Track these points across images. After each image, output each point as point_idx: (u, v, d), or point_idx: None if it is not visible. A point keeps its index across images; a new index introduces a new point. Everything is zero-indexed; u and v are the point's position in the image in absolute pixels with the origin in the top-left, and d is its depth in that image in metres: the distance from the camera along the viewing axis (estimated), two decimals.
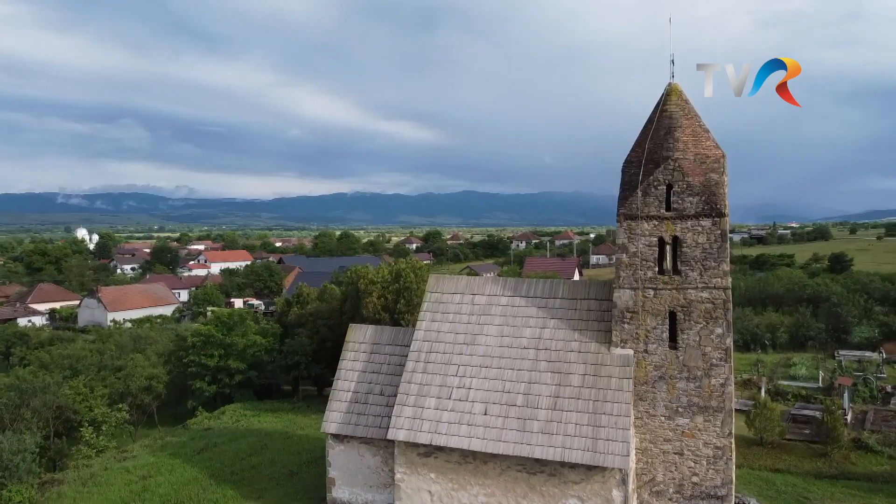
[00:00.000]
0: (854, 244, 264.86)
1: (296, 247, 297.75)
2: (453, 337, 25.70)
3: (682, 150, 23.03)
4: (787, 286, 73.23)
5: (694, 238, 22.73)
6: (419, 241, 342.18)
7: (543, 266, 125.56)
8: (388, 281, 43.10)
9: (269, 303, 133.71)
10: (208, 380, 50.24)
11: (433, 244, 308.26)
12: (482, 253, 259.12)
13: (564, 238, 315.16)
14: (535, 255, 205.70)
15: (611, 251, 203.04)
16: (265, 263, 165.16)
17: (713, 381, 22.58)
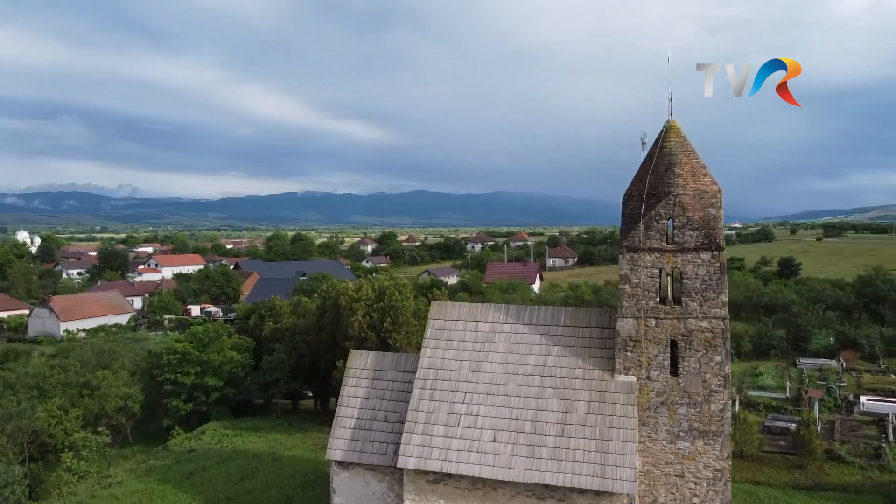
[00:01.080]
0: (796, 245, 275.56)
1: (248, 249, 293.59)
2: (458, 364, 26.23)
3: (682, 185, 24.08)
4: (744, 294, 76.09)
5: (694, 270, 23.80)
6: (373, 242, 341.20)
7: (505, 271, 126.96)
8: (371, 298, 43.28)
9: (228, 309, 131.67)
10: (184, 398, 49.55)
11: (388, 246, 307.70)
12: (438, 255, 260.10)
13: (519, 240, 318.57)
14: (492, 257, 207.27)
15: (566, 254, 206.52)
16: (222, 269, 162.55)
17: (713, 407, 23.70)
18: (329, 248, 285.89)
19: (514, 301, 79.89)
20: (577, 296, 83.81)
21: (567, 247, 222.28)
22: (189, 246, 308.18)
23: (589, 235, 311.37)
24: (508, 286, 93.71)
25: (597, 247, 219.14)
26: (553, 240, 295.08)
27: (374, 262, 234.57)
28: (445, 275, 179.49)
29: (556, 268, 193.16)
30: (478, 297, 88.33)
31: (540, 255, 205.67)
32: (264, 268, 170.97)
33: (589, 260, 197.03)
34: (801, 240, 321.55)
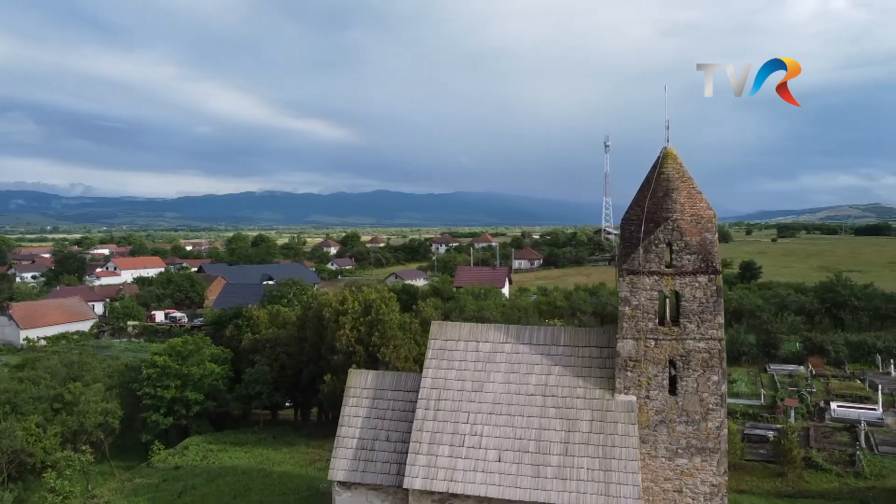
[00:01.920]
0: (752, 246, 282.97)
1: (209, 251, 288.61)
2: (461, 384, 26.65)
3: (679, 211, 24.92)
4: None
5: (692, 293, 24.64)
6: (337, 243, 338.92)
7: (475, 275, 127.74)
8: (358, 312, 43.34)
9: (193, 314, 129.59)
10: (163, 412, 48.89)
11: (352, 248, 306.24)
12: (404, 257, 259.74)
13: (483, 241, 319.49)
14: (458, 259, 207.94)
15: (531, 256, 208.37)
16: (186, 273, 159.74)
17: (710, 424, 24.59)
18: (292, 250, 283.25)
19: (486, 307, 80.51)
20: (549, 301, 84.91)
21: (532, 249, 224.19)
22: (147, 248, 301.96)
23: (552, 237, 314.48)
24: (480, 292, 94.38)
25: (561, 248, 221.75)
26: (516, 241, 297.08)
27: (338, 264, 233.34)
28: (412, 277, 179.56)
29: (522, 269, 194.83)
30: (450, 302, 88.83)
31: (505, 257, 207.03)
32: (229, 272, 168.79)
33: (554, 262, 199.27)
34: (758, 241, 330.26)
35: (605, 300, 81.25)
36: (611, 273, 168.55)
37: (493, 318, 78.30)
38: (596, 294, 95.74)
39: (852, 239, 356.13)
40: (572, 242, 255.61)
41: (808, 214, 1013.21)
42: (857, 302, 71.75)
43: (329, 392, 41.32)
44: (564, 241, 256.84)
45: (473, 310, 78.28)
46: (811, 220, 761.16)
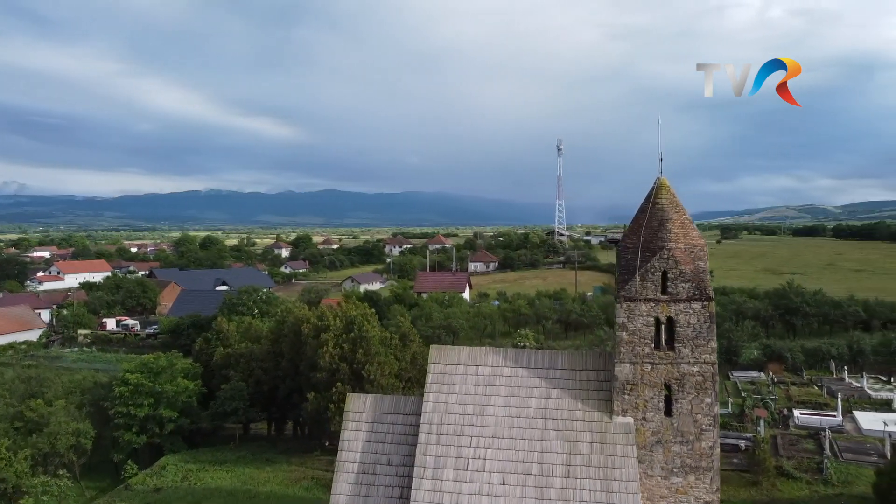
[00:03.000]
0: None
1: (156, 254, 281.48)
2: (462, 408, 27.19)
3: (674, 240, 26.01)
4: None
5: (686, 319, 25.76)
6: (288, 245, 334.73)
7: (436, 281, 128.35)
8: (339, 328, 43.40)
9: (146, 322, 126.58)
10: (135, 430, 47.98)
11: (305, 250, 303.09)
12: (358, 259, 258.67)
13: (437, 243, 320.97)
14: (413, 262, 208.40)
15: (487, 259, 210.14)
16: (137, 279, 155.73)
17: (703, 444, 25.75)
18: (244, 253, 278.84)
19: (453, 314, 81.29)
20: (514, 308, 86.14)
21: (488, 252, 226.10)
22: (91, 250, 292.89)
23: (505, 238, 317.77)
24: (445, 299, 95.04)
25: (516, 251, 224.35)
26: (469, 242, 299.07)
27: (292, 267, 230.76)
28: (369, 281, 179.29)
29: (479, 273, 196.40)
30: (415, 309, 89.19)
31: (461, 260, 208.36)
32: (181, 276, 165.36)
33: (510, 265, 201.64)
34: None
35: (569, 307, 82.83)
36: (566, 276, 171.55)
37: (461, 326, 79.30)
38: (559, 299, 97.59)
39: (791, 240, 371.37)
40: (526, 245, 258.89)
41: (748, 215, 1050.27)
42: (808, 308, 75.18)
43: (313, 410, 41.32)
44: (518, 244, 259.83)
45: (440, 318, 78.94)
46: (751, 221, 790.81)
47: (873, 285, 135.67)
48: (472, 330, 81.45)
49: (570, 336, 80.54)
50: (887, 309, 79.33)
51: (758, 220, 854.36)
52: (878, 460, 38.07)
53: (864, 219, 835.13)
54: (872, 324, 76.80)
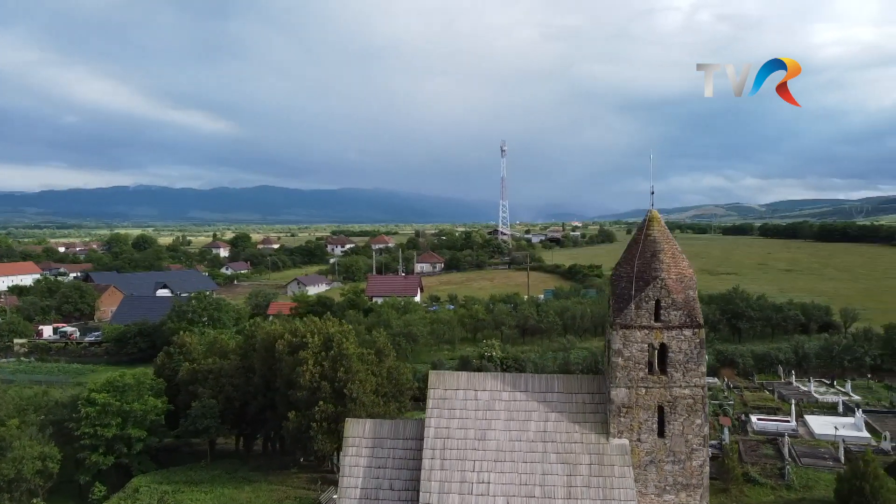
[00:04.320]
0: None
1: (87, 254, 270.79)
2: (463, 433, 27.96)
3: (666, 270, 27.43)
4: None
5: (678, 345, 27.24)
6: (226, 245, 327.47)
7: (387, 285, 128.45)
8: (317, 346, 43.38)
9: (86, 329, 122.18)
10: (102, 451, 46.77)
11: (245, 249, 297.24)
12: (300, 259, 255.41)
13: (380, 242, 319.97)
14: (359, 262, 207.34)
15: (433, 259, 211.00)
16: (74, 283, 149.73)
17: (694, 463, 27.31)
18: (182, 254, 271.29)
19: (412, 321, 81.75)
20: (472, 314, 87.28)
21: (433, 252, 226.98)
22: (15, 250, 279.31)
23: (448, 238, 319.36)
24: (401, 304, 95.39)
25: (461, 252, 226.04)
26: (412, 241, 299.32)
27: (233, 268, 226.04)
28: (315, 283, 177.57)
29: (425, 273, 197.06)
30: (373, 316, 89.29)
31: (407, 261, 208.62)
32: (119, 280, 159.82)
33: (456, 266, 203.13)
34: None
35: (526, 313, 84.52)
36: (513, 277, 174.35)
37: (421, 333, 79.87)
38: (513, 303, 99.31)
39: (721, 238, 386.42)
40: (470, 245, 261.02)
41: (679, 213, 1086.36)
42: (752, 312, 79.05)
43: (294, 429, 41.25)
44: (462, 244, 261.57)
45: (400, 325, 79.25)
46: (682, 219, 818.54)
47: (803, 285, 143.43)
48: (430, 336, 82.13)
49: (528, 341, 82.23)
50: (822, 312, 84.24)
51: (689, 219, 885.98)
52: (833, 465, 40.75)
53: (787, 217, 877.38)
54: (810, 327, 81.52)
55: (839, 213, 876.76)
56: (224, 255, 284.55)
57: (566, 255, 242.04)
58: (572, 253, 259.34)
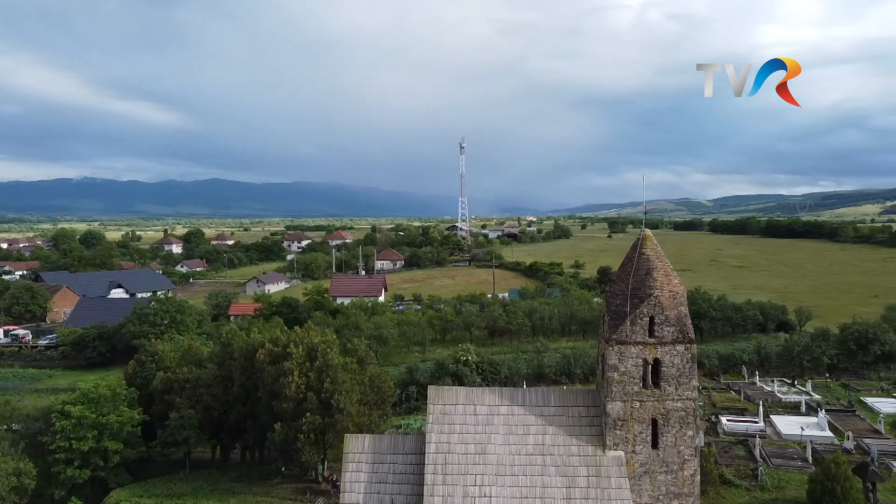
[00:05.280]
0: (592, 242, 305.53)
1: (33, 252, 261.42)
2: (464, 448, 28.56)
3: (659, 287, 28.48)
4: (592, 312, 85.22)
5: (671, 360, 28.33)
6: (179, 241, 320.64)
7: (352, 285, 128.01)
8: (302, 356, 43.28)
9: (39, 331, 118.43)
10: (78, 464, 45.83)
11: (199, 246, 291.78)
12: (257, 257, 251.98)
13: (337, 238, 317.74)
14: (318, 260, 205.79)
15: (394, 257, 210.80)
16: (24, 283, 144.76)
17: (686, 473, 28.47)
18: (132, 251, 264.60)
19: (382, 324, 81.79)
20: (442, 317, 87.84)
21: (393, 249, 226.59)
22: None
23: (407, 234, 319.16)
24: (368, 305, 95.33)
25: (421, 248, 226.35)
26: (369, 237, 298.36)
27: (188, 266, 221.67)
28: (274, 281, 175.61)
29: (385, 270, 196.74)
30: (340, 318, 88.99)
31: (367, 257, 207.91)
32: (72, 280, 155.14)
33: (416, 263, 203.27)
34: (594, 236, 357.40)
35: (495, 314, 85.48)
36: (474, 274, 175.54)
37: (391, 336, 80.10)
38: (481, 304, 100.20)
39: (673, 234, 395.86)
40: (429, 241, 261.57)
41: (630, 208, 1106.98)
42: (714, 313, 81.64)
43: (280, 441, 41.17)
44: (421, 241, 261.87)
45: (370, 328, 79.23)
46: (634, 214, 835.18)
47: (755, 282, 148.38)
48: (400, 338, 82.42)
49: (497, 342, 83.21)
50: (779, 312, 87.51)
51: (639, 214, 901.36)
52: (802, 465, 42.70)
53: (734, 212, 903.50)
54: (768, 326, 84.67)
55: (783, 209, 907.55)
56: (177, 252, 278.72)
57: (525, 251, 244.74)
58: (530, 249, 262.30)
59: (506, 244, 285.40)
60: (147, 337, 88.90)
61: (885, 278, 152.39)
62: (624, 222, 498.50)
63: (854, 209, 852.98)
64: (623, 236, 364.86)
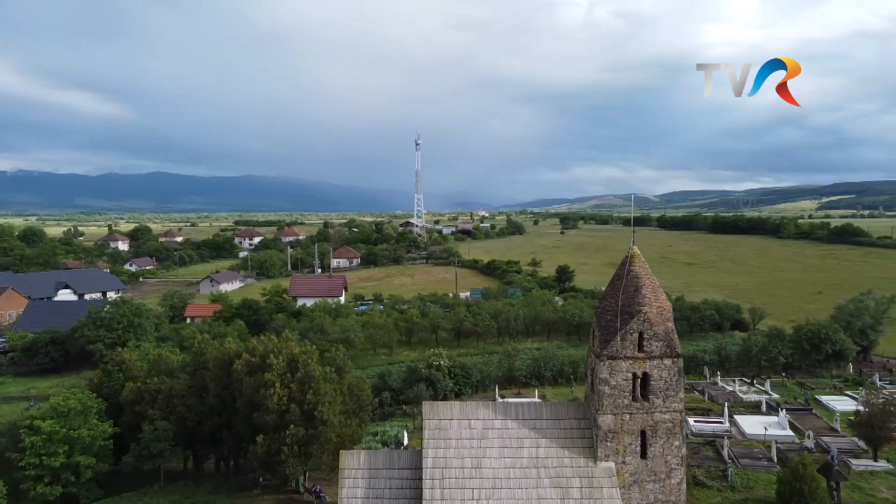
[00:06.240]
0: (545, 239, 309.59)
1: None
2: (460, 462, 29.16)
3: (647, 304, 29.56)
4: (557, 315, 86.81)
5: (659, 373, 29.46)
6: (125, 238, 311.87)
7: (313, 286, 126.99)
8: (282, 367, 43.05)
9: None
10: (48, 480, 44.73)
11: (146, 243, 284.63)
12: (208, 254, 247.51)
13: (290, 235, 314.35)
14: (273, 258, 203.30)
15: (350, 254, 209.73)
16: None
17: (673, 481, 29.68)
18: (77, 249, 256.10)
19: (349, 326, 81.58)
20: (407, 319, 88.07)
21: (349, 246, 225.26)
22: None
23: (360, 230, 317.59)
24: (332, 308, 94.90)
25: (377, 246, 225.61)
26: (322, 233, 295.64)
27: (138, 264, 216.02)
28: (228, 280, 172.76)
29: (342, 269, 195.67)
30: (304, 320, 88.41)
31: (323, 255, 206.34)
32: (16, 280, 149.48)
33: (373, 261, 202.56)
34: (547, 233, 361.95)
35: (461, 315, 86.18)
36: (432, 273, 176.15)
37: (359, 340, 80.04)
38: (443, 303, 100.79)
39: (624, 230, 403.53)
40: (384, 238, 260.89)
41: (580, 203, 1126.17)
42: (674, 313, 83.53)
43: (263, 453, 40.96)
44: (377, 238, 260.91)
45: (336, 331, 78.93)
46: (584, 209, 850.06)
47: (705, 279, 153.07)
48: (367, 341, 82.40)
49: (463, 344, 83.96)
50: (734, 311, 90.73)
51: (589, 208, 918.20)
52: (768, 465, 44.62)
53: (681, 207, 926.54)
54: (724, 325, 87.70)
55: (726, 204, 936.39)
56: (124, 250, 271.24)
57: (480, 248, 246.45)
58: (485, 246, 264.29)
59: (460, 240, 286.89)
60: (104, 342, 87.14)
61: (827, 275, 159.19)
62: (575, 218, 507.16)
63: (792, 205, 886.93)
64: (575, 232, 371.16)
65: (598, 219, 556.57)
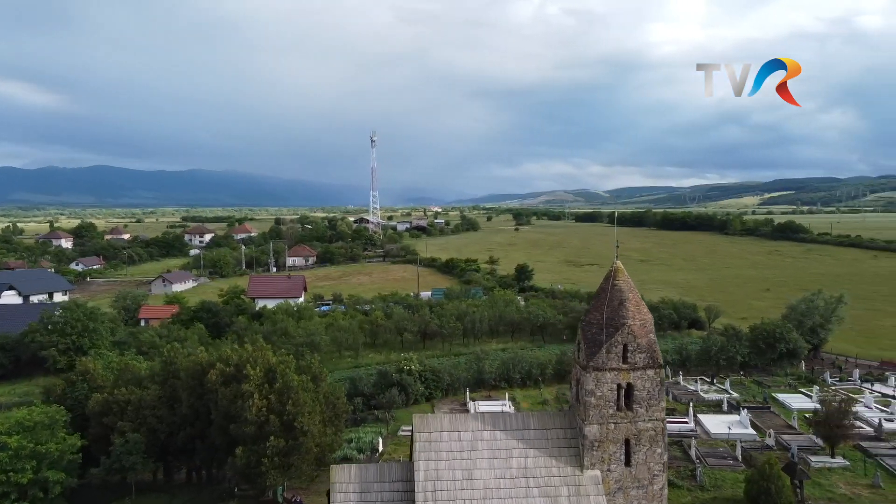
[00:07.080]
0: (500, 236, 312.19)
1: None
2: (451, 474, 29.68)
3: (631, 317, 30.57)
4: (521, 315, 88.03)
5: (642, 384, 30.52)
6: (69, 235, 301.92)
7: (272, 286, 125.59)
8: (259, 377, 42.79)
9: None
10: (15, 497, 43.53)
11: (91, 240, 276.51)
12: (157, 252, 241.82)
13: (242, 232, 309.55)
14: (227, 256, 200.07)
15: (305, 253, 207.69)
16: None
17: (655, 487, 30.81)
18: (19, 247, 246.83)
19: (314, 329, 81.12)
20: (372, 321, 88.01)
21: (303, 244, 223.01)
22: None
23: (314, 227, 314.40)
24: (295, 310, 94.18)
25: (333, 244, 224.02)
26: (274, 230, 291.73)
27: (84, 263, 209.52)
28: (181, 280, 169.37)
29: (297, 267, 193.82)
30: (267, 323, 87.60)
31: (277, 253, 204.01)
32: None
33: (330, 259, 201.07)
34: (502, 229, 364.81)
35: (426, 317, 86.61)
36: (390, 271, 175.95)
37: (325, 343, 79.71)
38: (405, 303, 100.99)
39: (576, 226, 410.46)
40: (339, 235, 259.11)
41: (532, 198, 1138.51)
42: None
43: (243, 465, 40.70)
44: (332, 236, 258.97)
45: (302, 335, 78.36)
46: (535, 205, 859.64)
47: (658, 276, 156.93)
48: (332, 344, 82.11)
49: (428, 346, 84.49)
50: (690, 310, 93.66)
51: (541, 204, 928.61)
52: (733, 464, 46.52)
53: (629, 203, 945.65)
54: (681, 324, 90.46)
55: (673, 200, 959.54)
56: (68, 248, 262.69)
57: (436, 245, 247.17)
58: (441, 243, 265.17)
59: (416, 237, 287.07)
60: (57, 347, 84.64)
61: (773, 272, 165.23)
62: (528, 213, 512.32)
63: (736, 200, 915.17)
64: (529, 228, 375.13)
65: (551, 215, 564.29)
